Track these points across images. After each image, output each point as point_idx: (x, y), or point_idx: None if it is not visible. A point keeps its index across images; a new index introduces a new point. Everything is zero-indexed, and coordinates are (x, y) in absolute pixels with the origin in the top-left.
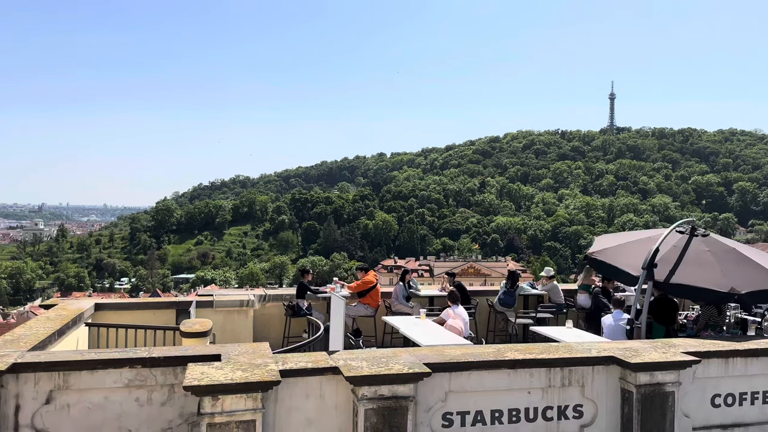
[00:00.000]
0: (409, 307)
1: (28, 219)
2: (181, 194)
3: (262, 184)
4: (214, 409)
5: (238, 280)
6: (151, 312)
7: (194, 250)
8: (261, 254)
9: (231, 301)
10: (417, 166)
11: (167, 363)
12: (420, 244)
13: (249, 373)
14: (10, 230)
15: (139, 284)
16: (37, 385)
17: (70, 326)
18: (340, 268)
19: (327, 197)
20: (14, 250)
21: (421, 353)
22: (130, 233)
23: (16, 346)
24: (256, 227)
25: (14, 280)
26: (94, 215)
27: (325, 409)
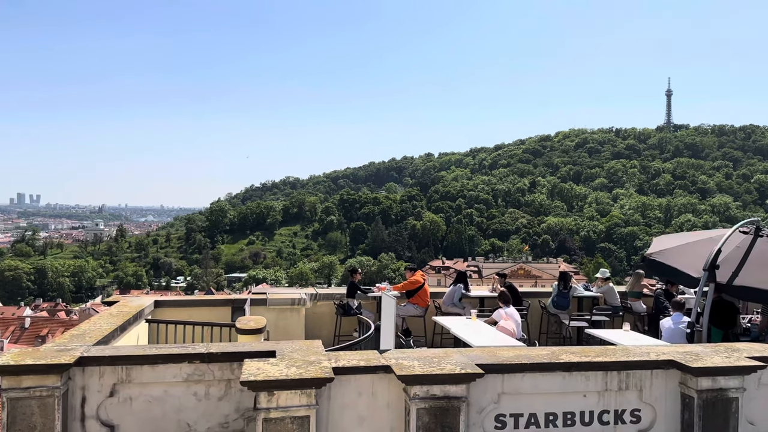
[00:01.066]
0: (460, 307)
1: (90, 219)
2: (234, 195)
3: (312, 185)
4: (270, 404)
5: (288, 280)
6: (207, 309)
7: (246, 249)
8: (310, 254)
9: (283, 300)
10: (465, 166)
11: (224, 359)
12: (468, 244)
13: (303, 370)
14: (72, 230)
15: (194, 283)
16: (101, 379)
17: (132, 322)
18: (387, 268)
19: (375, 198)
20: (76, 249)
21: (472, 354)
22: (185, 233)
23: (82, 341)
24: (305, 227)
25: (77, 278)
26: (151, 216)
27: (377, 407)
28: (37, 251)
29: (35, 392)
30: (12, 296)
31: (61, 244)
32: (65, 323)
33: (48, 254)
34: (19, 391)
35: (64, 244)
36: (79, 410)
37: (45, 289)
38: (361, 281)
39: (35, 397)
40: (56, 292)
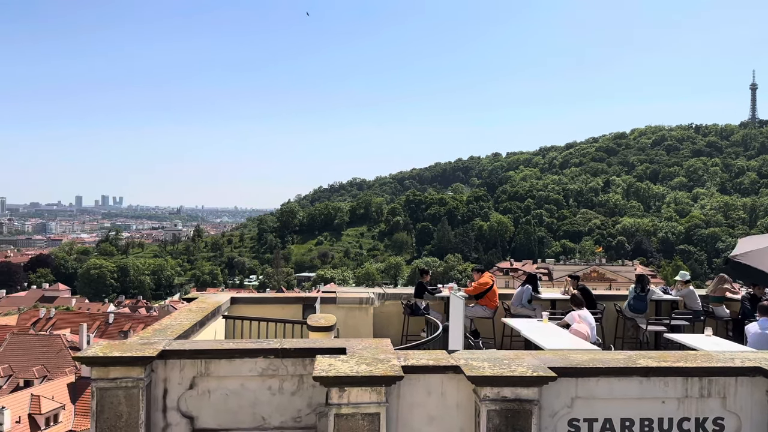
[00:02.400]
0: (530, 309)
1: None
2: (303, 197)
3: (378, 186)
4: (341, 400)
5: (355, 280)
6: (280, 306)
7: (315, 249)
8: (376, 254)
9: (352, 299)
10: (534, 165)
11: (297, 354)
12: (537, 246)
13: (373, 367)
14: (153, 230)
15: (265, 281)
16: (182, 371)
17: (210, 318)
18: (454, 269)
19: (441, 198)
20: (156, 248)
21: (545, 357)
22: (257, 233)
23: (164, 335)
24: (372, 228)
25: (156, 276)
26: (226, 217)
27: (446, 407)
28: (120, 250)
29: (122, 383)
30: (97, 293)
31: (142, 243)
32: (146, 319)
33: (130, 253)
34: (107, 382)
35: (145, 244)
36: (161, 401)
37: (127, 286)
38: (429, 282)
39: (121, 388)
40: (137, 290)
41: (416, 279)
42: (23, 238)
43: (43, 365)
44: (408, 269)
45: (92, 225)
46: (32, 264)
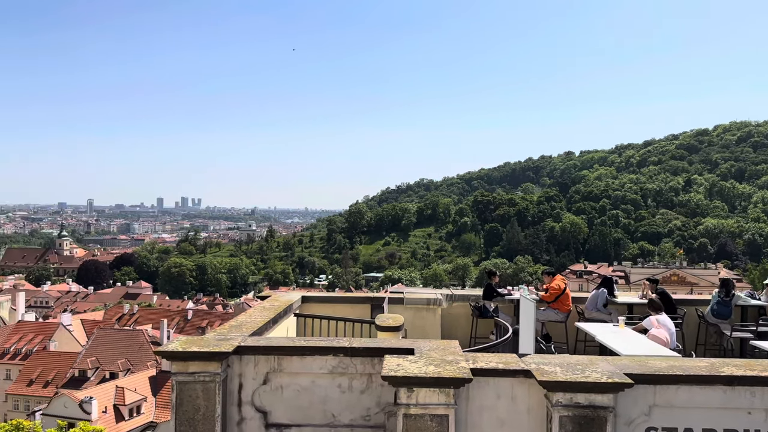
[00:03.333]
0: (606, 313)
1: (243, 221)
2: (371, 198)
3: (445, 186)
4: (410, 400)
5: (422, 280)
6: (349, 306)
7: (382, 250)
8: (444, 255)
9: (420, 299)
10: (610, 164)
11: (366, 353)
12: (613, 248)
13: (441, 369)
14: (228, 231)
15: (334, 281)
16: (256, 367)
17: (282, 315)
18: (524, 271)
19: (510, 199)
20: (232, 248)
21: (620, 363)
22: (327, 234)
23: (240, 331)
24: (439, 229)
25: (232, 275)
26: (296, 217)
27: (516, 412)
28: (199, 250)
29: (199, 377)
30: (177, 290)
31: (219, 243)
32: (222, 316)
33: (207, 252)
34: (186, 376)
35: (222, 244)
36: (237, 396)
37: (205, 284)
38: (498, 284)
39: (199, 382)
40: (214, 288)
41: (484, 281)
42: (109, 237)
43: (127, 359)
44: (476, 271)
45: (173, 225)
46: (117, 262)
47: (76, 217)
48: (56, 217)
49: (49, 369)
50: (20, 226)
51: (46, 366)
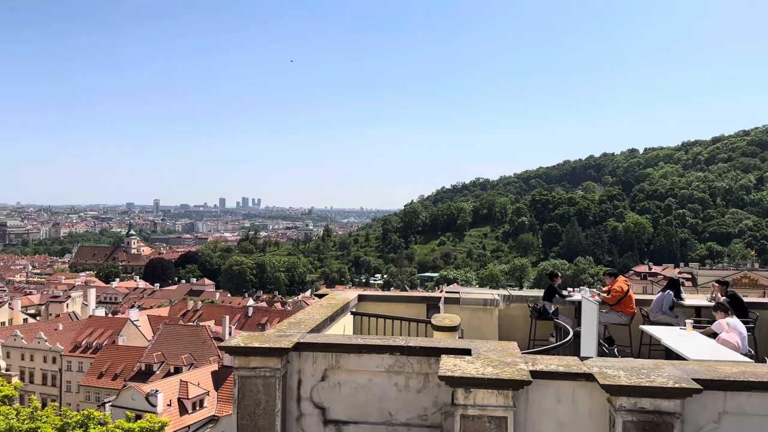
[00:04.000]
0: (672, 316)
1: (301, 220)
2: (426, 197)
3: (502, 185)
4: (467, 401)
5: (478, 281)
6: (405, 305)
7: (438, 250)
8: (500, 256)
9: (476, 299)
10: (676, 161)
11: (422, 353)
12: (679, 249)
13: (499, 370)
14: (287, 230)
15: (390, 280)
16: (315, 364)
17: (339, 313)
18: (585, 272)
19: (570, 198)
20: (290, 247)
21: (688, 367)
22: (382, 233)
23: (298, 328)
24: (495, 229)
25: (290, 273)
26: (352, 217)
27: (577, 416)
28: (258, 248)
29: (260, 372)
30: (238, 288)
31: (278, 242)
32: (281, 313)
33: (267, 251)
34: (248, 371)
35: (280, 243)
36: (296, 391)
37: (264, 282)
38: (560, 285)
39: (260, 377)
40: (273, 285)
41: (545, 281)
42: (174, 236)
43: (190, 353)
44: (534, 271)
45: (234, 225)
46: (182, 260)
47: (144, 217)
48: (125, 216)
49: (118, 362)
50: (91, 225)
51: (115, 359)
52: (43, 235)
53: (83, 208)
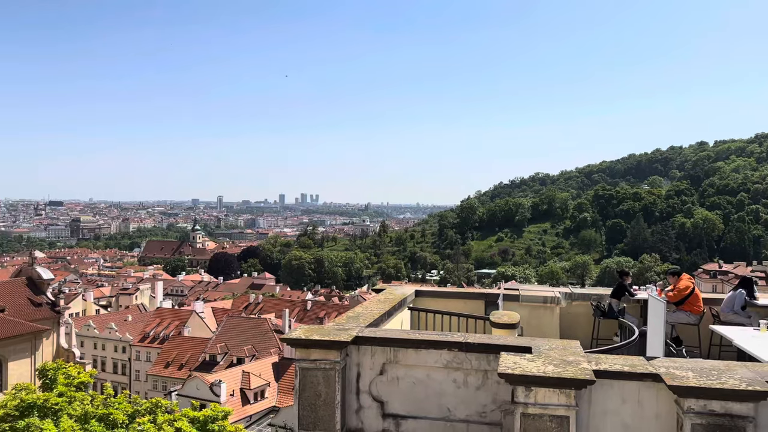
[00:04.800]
0: (744, 316)
1: (357, 216)
2: (483, 193)
3: (563, 180)
4: (528, 399)
5: (537, 278)
6: (462, 301)
7: (495, 246)
8: (561, 253)
9: (536, 297)
10: (749, 154)
11: (481, 349)
12: (752, 246)
13: (561, 369)
14: (344, 226)
15: (446, 276)
16: (373, 357)
17: (396, 309)
18: (650, 270)
19: (635, 193)
20: (347, 242)
21: (763, 370)
22: (438, 229)
23: (357, 322)
24: (555, 225)
25: (347, 268)
26: (408, 213)
27: (643, 417)
28: (316, 243)
29: (321, 364)
30: (297, 282)
31: (335, 237)
32: (338, 307)
33: (325, 246)
34: (308, 363)
35: (337, 238)
36: (355, 384)
37: (322, 276)
38: (630, 284)
39: (320, 369)
40: (331, 280)
41: (612, 280)
42: (236, 231)
43: (252, 345)
44: (597, 269)
45: (293, 220)
46: (244, 255)
47: (208, 213)
48: (190, 212)
49: (184, 353)
50: (158, 220)
51: (181, 350)
52: (114, 230)
53: (151, 204)
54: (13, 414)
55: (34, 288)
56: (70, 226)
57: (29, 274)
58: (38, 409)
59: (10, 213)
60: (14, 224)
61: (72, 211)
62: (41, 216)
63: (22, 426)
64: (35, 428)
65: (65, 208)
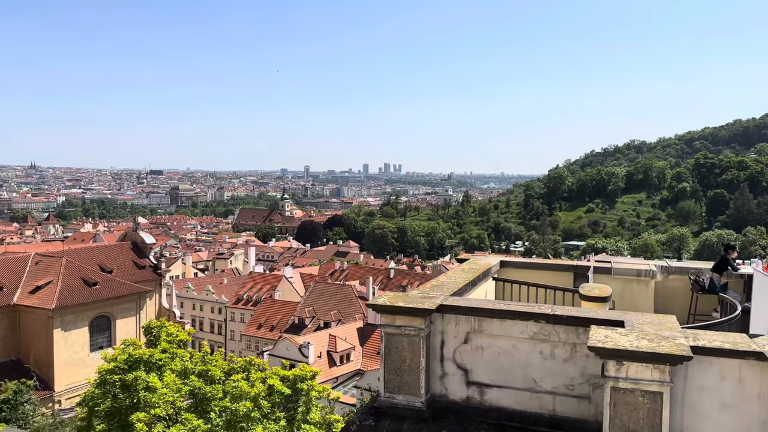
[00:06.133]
0: None
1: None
2: (573, 161)
3: (660, 148)
4: (619, 374)
5: (630, 251)
6: (550, 273)
7: (585, 217)
8: (657, 225)
9: (629, 270)
10: None
11: (569, 322)
12: None
13: (656, 344)
14: (426, 195)
15: (531, 248)
16: (457, 326)
17: (480, 279)
18: (755, 244)
19: (740, 162)
20: (430, 212)
21: None
22: (524, 200)
23: (441, 291)
24: (651, 195)
25: (429, 238)
26: (492, 183)
27: (744, 396)
28: (399, 213)
29: (405, 330)
30: (380, 250)
31: (418, 207)
32: (420, 276)
33: (407, 216)
34: (393, 328)
35: (420, 208)
36: (439, 351)
37: (405, 245)
38: (734, 259)
39: (405, 335)
40: (413, 249)
41: (717, 253)
42: (322, 200)
43: (338, 310)
44: (695, 242)
45: (376, 190)
46: (329, 223)
47: (296, 182)
48: (279, 181)
49: (274, 315)
50: (250, 189)
51: (272, 312)
52: (210, 198)
53: (244, 174)
54: (122, 367)
55: (138, 252)
56: (170, 194)
57: (134, 238)
58: (144, 363)
59: (115, 181)
60: (119, 192)
61: (171, 179)
62: (143, 184)
63: (130, 378)
64: (142, 381)
65: (165, 176)
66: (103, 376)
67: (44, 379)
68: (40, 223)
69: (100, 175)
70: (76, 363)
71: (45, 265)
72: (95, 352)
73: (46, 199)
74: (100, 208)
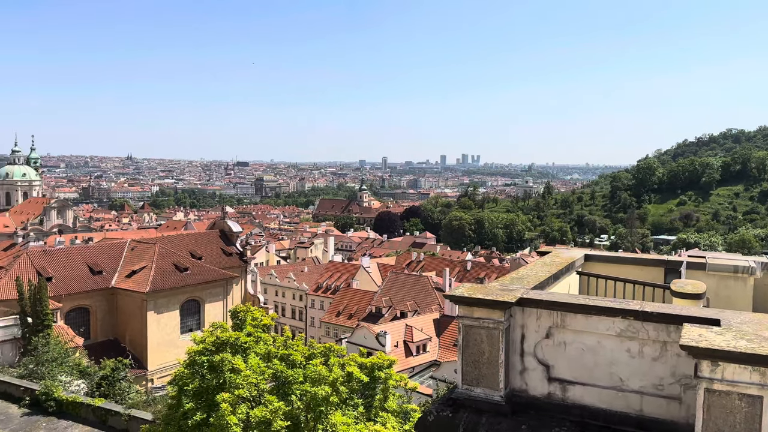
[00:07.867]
0: None
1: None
2: (664, 152)
3: (761, 137)
4: (713, 375)
5: (725, 246)
6: (638, 268)
7: (676, 210)
8: (755, 219)
9: (726, 266)
10: None
11: (660, 319)
12: None
13: (756, 345)
14: (505, 187)
15: (618, 242)
16: (538, 320)
17: (563, 272)
18: None
19: None
20: (509, 204)
21: None
22: (610, 191)
23: (521, 284)
24: (750, 188)
25: (508, 230)
26: (576, 174)
27: None
28: (477, 204)
29: (484, 323)
30: (457, 242)
31: (496, 199)
32: (498, 269)
33: (485, 207)
34: (471, 320)
35: (499, 199)
36: (519, 345)
37: (482, 237)
38: None
39: (484, 327)
40: (491, 241)
41: None
42: (400, 191)
43: (414, 300)
44: None
45: (453, 181)
46: (406, 214)
47: (373, 173)
48: (357, 173)
49: (352, 304)
50: (330, 180)
51: (350, 301)
52: (291, 188)
53: (323, 165)
54: (210, 349)
55: (225, 239)
56: (255, 184)
57: (222, 227)
58: (230, 346)
59: (205, 172)
60: (208, 182)
61: (256, 170)
62: (230, 175)
63: (217, 360)
64: (228, 362)
65: (250, 168)
66: (192, 357)
67: (138, 359)
68: (136, 211)
69: (191, 166)
70: (167, 344)
71: (140, 251)
72: (185, 334)
73: (141, 188)
74: (191, 197)
